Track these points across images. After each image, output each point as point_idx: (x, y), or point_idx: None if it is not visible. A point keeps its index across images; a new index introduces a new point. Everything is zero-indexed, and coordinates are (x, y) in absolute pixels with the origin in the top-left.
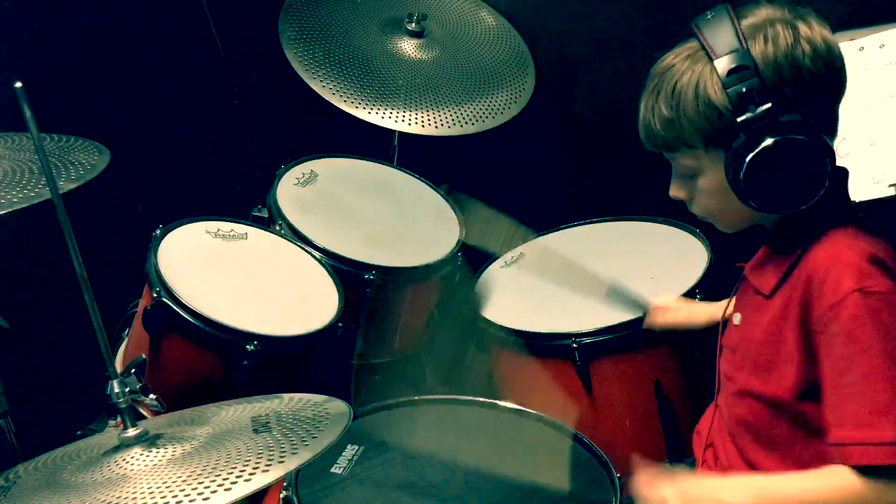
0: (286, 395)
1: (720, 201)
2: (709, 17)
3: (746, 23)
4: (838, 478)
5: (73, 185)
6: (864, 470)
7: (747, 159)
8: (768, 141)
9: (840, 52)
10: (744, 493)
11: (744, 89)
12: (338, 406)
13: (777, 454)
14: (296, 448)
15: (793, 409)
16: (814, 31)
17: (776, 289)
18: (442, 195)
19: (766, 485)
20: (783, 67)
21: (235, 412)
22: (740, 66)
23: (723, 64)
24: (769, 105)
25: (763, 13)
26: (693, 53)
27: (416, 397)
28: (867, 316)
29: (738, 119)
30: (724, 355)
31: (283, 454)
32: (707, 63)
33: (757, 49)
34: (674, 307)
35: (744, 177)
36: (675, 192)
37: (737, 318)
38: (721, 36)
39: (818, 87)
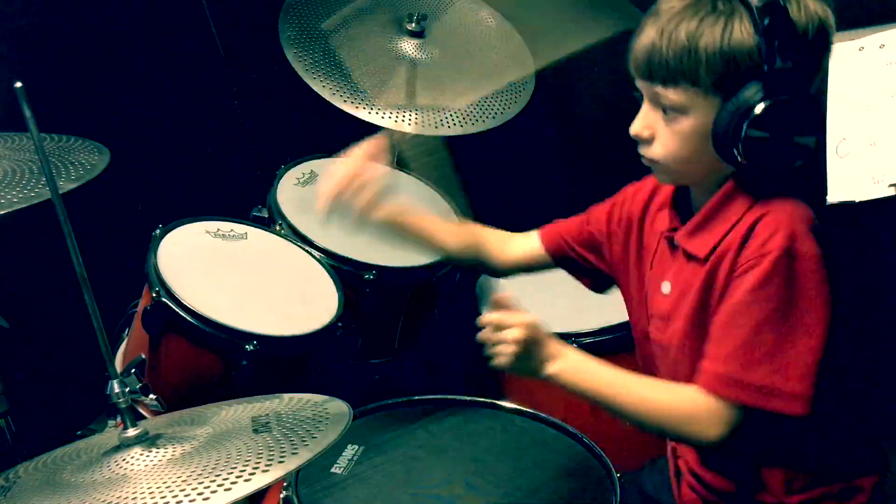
0: (286, 395)
1: (691, 148)
2: None
3: None
4: (685, 390)
5: (73, 185)
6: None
7: (757, 110)
8: (782, 97)
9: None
10: (587, 375)
11: (776, 42)
12: (338, 406)
13: None
14: (296, 448)
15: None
16: (818, 5)
17: (712, 252)
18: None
19: (616, 377)
20: (808, 32)
21: (235, 412)
22: (779, 20)
23: (761, 13)
24: (791, 63)
25: None
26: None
27: (415, 397)
28: (783, 273)
29: (764, 68)
30: (653, 324)
31: (283, 454)
32: (740, 8)
33: (793, 9)
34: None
35: (747, 126)
36: (642, 128)
37: (666, 287)
38: None
39: (823, 54)
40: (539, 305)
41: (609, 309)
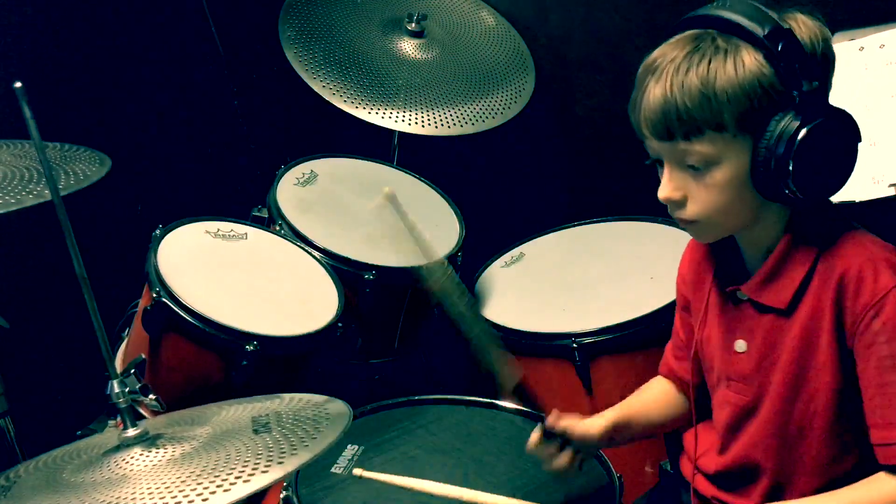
0: (286, 396)
1: (730, 196)
2: (727, 4)
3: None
4: (881, 485)
5: (71, 191)
6: None
7: (799, 137)
8: (819, 120)
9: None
10: None
11: (796, 66)
12: (338, 406)
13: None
14: (295, 449)
15: (828, 423)
16: (813, 22)
17: (794, 301)
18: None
19: None
20: (816, 50)
21: (235, 412)
22: (789, 43)
23: (770, 40)
24: (817, 83)
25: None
26: (713, 36)
27: (416, 397)
28: None
29: (792, 94)
30: (732, 387)
31: (282, 455)
32: (740, 41)
33: (797, 30)
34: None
35: (794, 158)
36: (672, 191)
37: (740, 346)
38: (755, 16)
39: (831, 70)
40: (540, 305)
41: (609, 309)
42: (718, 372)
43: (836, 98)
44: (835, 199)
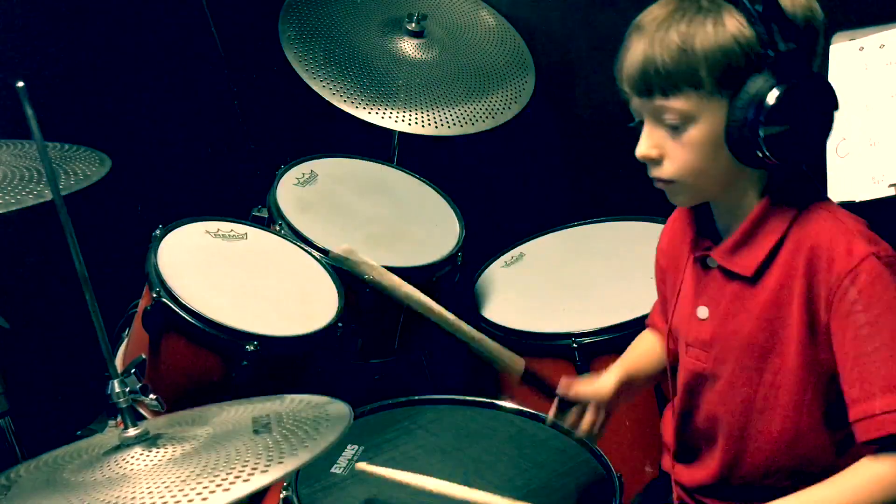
0: (287, 396)
1: (705, 157)
2: None
3: None
4: (865, 471)
5: (71, 191)
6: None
7: (771, 99)
8: (793, 82)
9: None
10: None
11: (774, 27)
12: (338, 407)
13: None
14: (295, 449)
15: (793, 399)
16: None
17: (761, 269)
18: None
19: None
20: (797, 17)
21: (236, 413)
22: (770, 6)
23: (752, 2)
24: (794, 45)
25: None
26: (684, 4)
27: (415, 397)
28: (885, 278)
29: (768, 54)
30: (690, 353)
31: (282, 455)
32: (726, 3)
33: None
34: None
35: (765, 120)
36: (649, 149)
37: (702, 312)
38: None
39: (817, 38)
40: (540, 305)
41: (609, 309)
42: (683, 338)
43: None
44: (835, 199)
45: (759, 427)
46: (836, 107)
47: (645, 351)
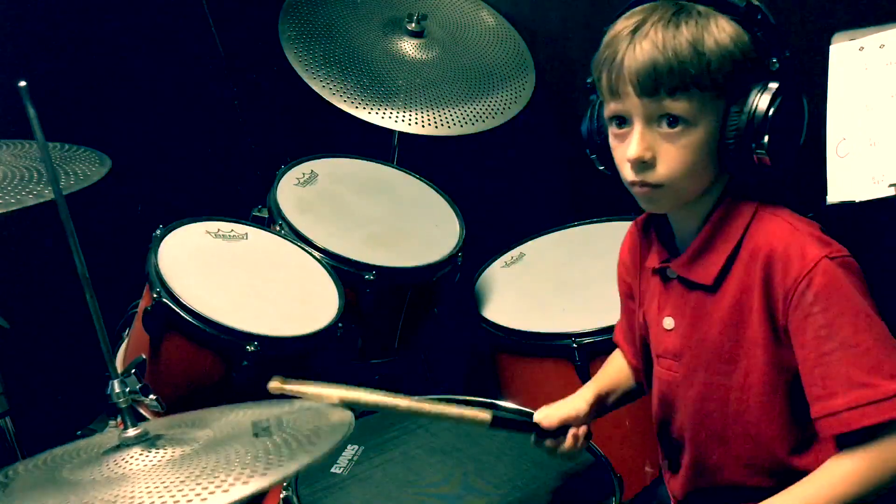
0: (288, 398)
1: (698, 160)
2: None
3: None
4: (835, 468)
5: (70, 191)
6: (860, 436)
7: (772, 108)
8: (794, 89)
9: None
10: None
11: (773, 37)
12: (339, 410)
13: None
14: (295, 453)
15: (764, 399)
16: None
17: (720, 277)
18: (446, 197)
19: None
20: (776, 28)
21: (237, 416)
22: (761, 16)
23: (743, 11)
24: (789, 54)
25: None
26: (680, 8)
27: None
28: (840, 279)
29: (766, 63)
30: (662, 364)
31: (281, 459)
32: (716, 12)
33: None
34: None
35: (764, 125)
36: (644, 150)
37: (668, 323)
38: None
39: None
40: (539, 305)
41: (609, 309)
42: (654, 349)
43: (836, 98)
44: (835, 199)
45: (736, 430)
46: (806, 117)
47: (615, 371)
